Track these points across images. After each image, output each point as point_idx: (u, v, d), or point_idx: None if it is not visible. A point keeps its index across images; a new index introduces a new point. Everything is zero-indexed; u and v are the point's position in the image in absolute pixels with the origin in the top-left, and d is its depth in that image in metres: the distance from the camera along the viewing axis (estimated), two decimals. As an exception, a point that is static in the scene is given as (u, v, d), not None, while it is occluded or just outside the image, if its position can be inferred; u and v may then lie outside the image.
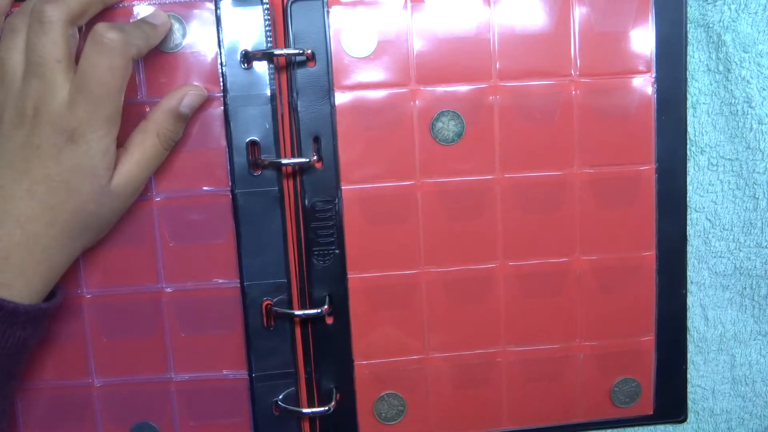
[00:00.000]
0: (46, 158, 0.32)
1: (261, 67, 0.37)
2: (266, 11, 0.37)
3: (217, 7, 0.37)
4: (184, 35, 0.37)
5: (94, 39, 0.32)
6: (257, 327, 0.39)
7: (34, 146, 0.32)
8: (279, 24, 0.37)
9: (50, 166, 0.32)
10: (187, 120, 0.37)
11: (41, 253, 0.33)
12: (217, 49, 0.37)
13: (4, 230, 0.32)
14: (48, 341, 0.39)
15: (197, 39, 0.37)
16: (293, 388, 0.40)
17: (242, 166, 0.38)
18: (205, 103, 0.37)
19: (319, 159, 0.38)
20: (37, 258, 0.33)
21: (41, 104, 0.32)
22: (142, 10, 0.37)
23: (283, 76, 0.38)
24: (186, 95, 0.36)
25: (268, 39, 0.37)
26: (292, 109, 0.38)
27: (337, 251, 0.39)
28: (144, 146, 0.35)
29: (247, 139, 0.38)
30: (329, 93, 0.38)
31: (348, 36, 0.38)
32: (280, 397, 0.40)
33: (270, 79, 0.37)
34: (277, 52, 0.37)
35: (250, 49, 0.37)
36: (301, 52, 0.37)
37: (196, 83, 0.37)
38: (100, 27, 0.32)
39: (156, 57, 0.37)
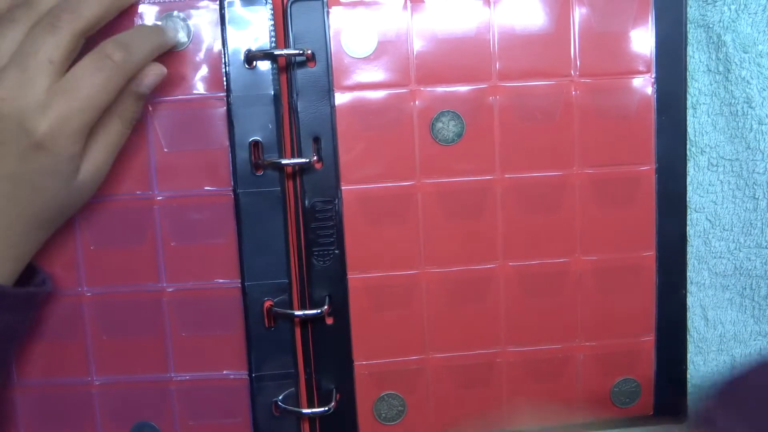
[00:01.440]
0: (10, 156, 0.31)
1: (264, 67, 0.37)
2: (271, 11, 0.37)
3: (221, 7, 0.37)
4: (189, 35, 0.37)
5: (100, 54, 0.31)
6: (258, 327, 0.39)
7: (1, 141, 0.31)
8: (279, 24, 0.37)
9: (14, 165, 0.31)
10: (145, 98, 0.35)
11: (9, 242, 0.33)
12: (220, 48, 0.37)
13: None
14: (48, 339, 0.39)
15: (201, 38, 0.37)
16: (293, 389, 0.40)
17: (245, 166, 0.38)
18: (208, 102, 0.37)
19: (319, 159, 0.38)
20: (5, 246, 0.33)
21: (14, 99, 0.30)
22: (146, 11, 0.37)
23: (283, 77, 0.38)
24: (146, 76, 0.34)
25: (273, 39, 0.37)
26: (292, 109, 0.38)
27: (337, 251, 0.39)
28: (108, 132, 0.34)
29: (250, 140, 0.38)
30: (329, 93, 0.38)
31: (348, 36, 0.38)
32: (280, 397, 0.40)
33: (274, 80, 0.37)
34: (277, 52, 0.37)
35: (254, 49, 0.37)
36: (301, 52, 0.37)
37: (155, 63, 0.35)
38: (110, 45, 0.31)
39: (160, 55, 0.37)
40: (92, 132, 0.33)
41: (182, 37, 0.37)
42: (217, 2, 0.37)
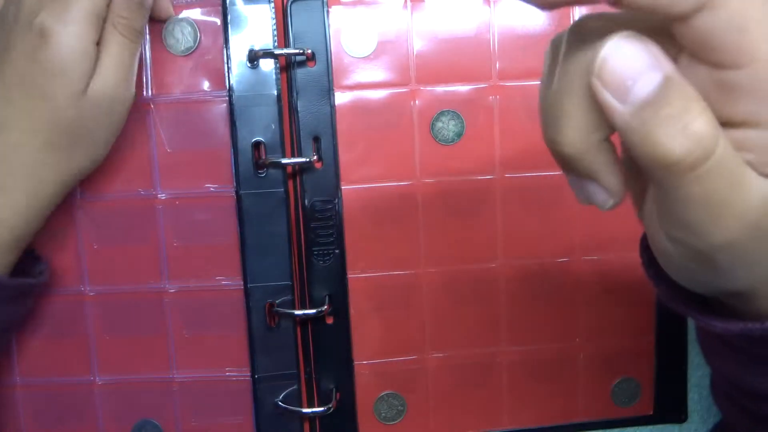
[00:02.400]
0: (18, 59, 0.32)
1: (267, 67, 0.37)
2: (273, 10, 0.37)
3: (224, 6, 0.37)
4: (196, 39, 0.37)
5: None
6: (260, 327, 0.39)
7: (10, 48, 0.32)
8: (279, 24, 0.37)
9: (23, 66, 0.32)
10: (148, 9, 0.34)
11: (24, 167, 0.32)
12: (223, 47, 0.37)
13: None
14: (50, 338, 0.39)
15: (203, 37, 0.37)
16: (295, 388, 0.40)
17: (247, 166, 0.38)
18: (211, 101, 0.37)
19: (319, 159, 0.38)
20: (20, 171, 0.32)
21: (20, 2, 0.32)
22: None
23: (283, 76, 0.38)
24: None
25: (275, 38, 0.37)
26: (292, 108, 0.38)
27: (337, 251, 0.39)
28: (111, 45, 0.33)
29: (253, 140, 0.38)
30: (329, 93, 0.38)
31: (348, 36, 0.38)
32: (280, 397, 0.40)
33: (276, 80, 0.37)
34: (277, 51, 0.37)
35: (256, 47, 0.37)
36: (301, 52, 0.37)
37: None
38: None
39: (165, 58, 0.37)
40: (99, 50, 0.33)
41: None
42: (220, 1, 0.37)
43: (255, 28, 0.37)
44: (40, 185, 0.33)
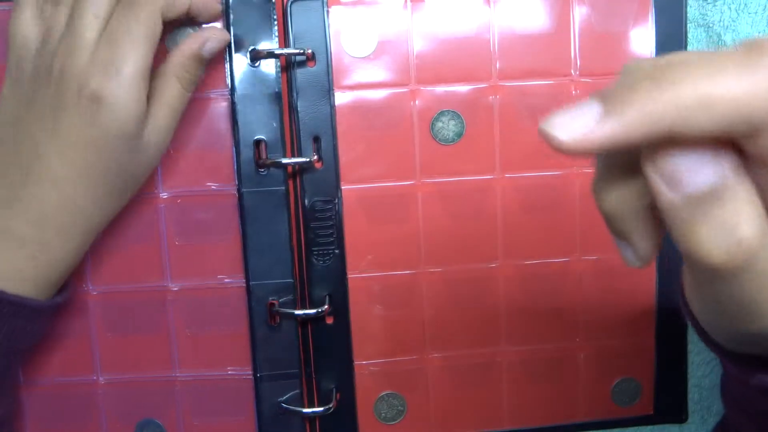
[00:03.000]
0: (74, 119, 0.32)
1: (268, 66, 0.37)
2: (274, 8, 0.37)
3: (226, 5, 0.37)
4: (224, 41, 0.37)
5: None
6: (262, 326, 0.39)
7: (62, 107, 0.32)
8: (279, 24, 0.37)
9: (79, 126, 0.32)
10: (207, 62, 0.36)
11: (79, 213, 0.33)
12: (224, 47, 0.37)
13: (41, 191, 0.32)
14: (53, 338, 0.39)
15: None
16: (297, 388, 0.40)
17: (249, 164, 0.38)
18: (212, 100, 0.37)
19: (319, 159, 0.38)
20: (76, 217, 0.33)
21: (67, 61, 0.31)
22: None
23: (283, 76, 0.38)
24: (208, 40, 0.34)
25: (276, 36, 0.37)
26: (292, 108, 0.38)
27: (337, 251, 0.39)
28: (168, 95, 0.34)
29: (254, 138, 0.38)
30: (329, 93, 0.38)
31: (348, 36, 0.38)
32: (282, 397, 0.40)
33: (277, 78, 0.37)
34: (277, 51, 0.37)
35: (258, 46, 0.37)
36: (301, 51, 0.37)
37: (220, 29, 0.36)
38: None
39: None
40: (153, 95, 0.34)
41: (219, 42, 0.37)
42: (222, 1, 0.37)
43: (256, 27, 0.37)
44: (94, 225, 0.35)
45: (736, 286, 0.18)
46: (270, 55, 0.37)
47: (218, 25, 0.37)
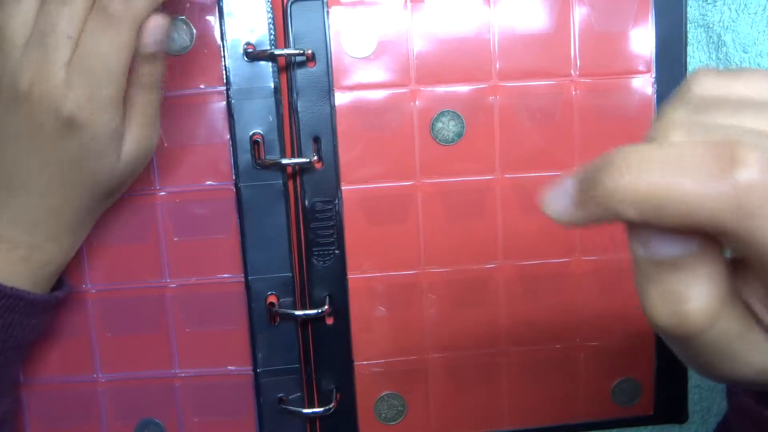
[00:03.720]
0: (52, 140, 0.31)
1: (263, 61, 0.37)
2: (269, 2, 0.37)
3: (220, 0, 0.37)
4: (192, 38, 0.37)
5: (99, 11, 0.30)
6: (262, 322, 0.39)
7: (38, 125, 0.31)
8: (279, 24, 0.37)
9: (58, 148, 0.31)
10: (161, 55, 0.33)
11: (67, 219, 0.34)
12: (219, 42, 0.37)
13: (27, 200, 0.32)
14: (53, 337, 0.39)
15: (199, 32, 0.37)
16: (297, 389, 0.40)
17: (246, 160, 0.38)
18: (208, 96, 0.37)
19: (319, 159, 0.38)
20: (63, 224, 0.34)
21: (37, 80, 0.30)
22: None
23: (283, 76, 0.38)
24: (146, 30, 0.31)
25: (271, 31, 0.37)
26: (293, 108, 0.38)
27: (337, 251, 0.39)
28: (137, 104, 0.33)
29: (251, 133, 0.38)
30: (329, 93, 0.38)
31: (348, 36, 0.38)
32: (282, 397, 0.40)
33: (273, 72, 0.37)
34: (277, 52, 0.37)
35: (253, 41, 0.37)
36: (301, 52, 0.37)
37: (155, 15, 0.31)
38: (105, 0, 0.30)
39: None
40: (125, 109, 0.32)
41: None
42: None
43: (251, 23, 0.37)
44: (83, 228, 0.36)
45: (689, 349, 0.19)
46: (267, 57, 0.37)
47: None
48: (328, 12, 0.38)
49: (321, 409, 0.40)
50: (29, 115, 0.31)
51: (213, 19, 0.37)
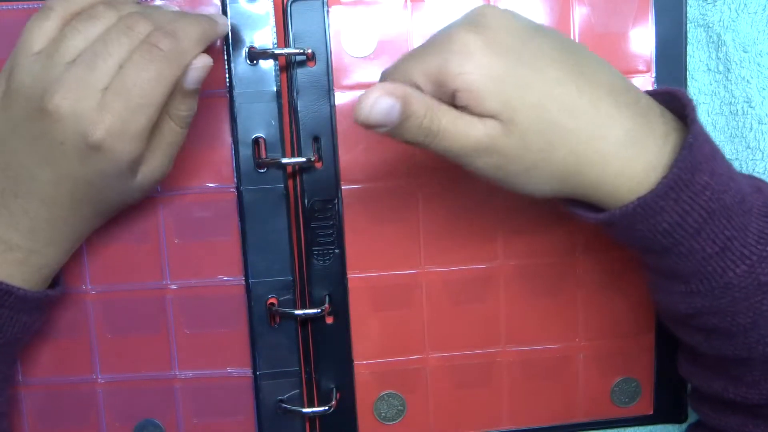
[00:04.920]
0: (71, 158, 0.31)
1: (267, 64, 0.37)
2: (273, 7, 0.37)
3: (224, 3, 0.37)
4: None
5: (147, 45, 0.30)
6: (262, 325, 0.39)
7: (58, 142, 0.31)
8: (279, 24, 0.37)
9: (76, 167, 0.31)
10: (197, 93, 0.34)
11: (68, 229, 0.34)
12: (222, 45, 0.37)
13: (30, 206, 0.32)
14: (52, 337, 0.39)
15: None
16: (297, 388, 0.40)
17: (248, 162, 0.38)
18: (211, 99, 0.37)
19: (319, 159, 0.38)
20: (63, 231, 0.34)
21: (70, 99, 0.30)
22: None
23: (283, 76, 0.38)
24: (191, 70, 0.32)
25: (275, 35, 0.37)
26: (292, 108, 0.38)
27: (336, 251, 0.39)
28: (163, 133, 0.33)
29: (253, 136, 0.38)
30: (329, 93, 0.38)
31: (348, 36, 0.38)
32: (282, 396, 0.40)
33: (276, 76, 0.37)
34: (277, 51, 0.37)
35: (256, 45, 0.37)
36: (301, 51, 0.37)
37: (201, 54, 0.32)
38: (156, 35, 0.30)
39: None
40: (151, 136, 0.32)
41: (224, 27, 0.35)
42: (219, 1, 0.37)
43: (255, 25, 0.37)
44: (83, 235, 0.36)
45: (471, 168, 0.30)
46: (269, 55, 0.37)
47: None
48: (328, 12, 0.38)
49: (321, 409, 0.40)
50: (51, 129, 0.30)
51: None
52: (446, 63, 0.28)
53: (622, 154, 0.29)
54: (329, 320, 0.40)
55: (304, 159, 0.38)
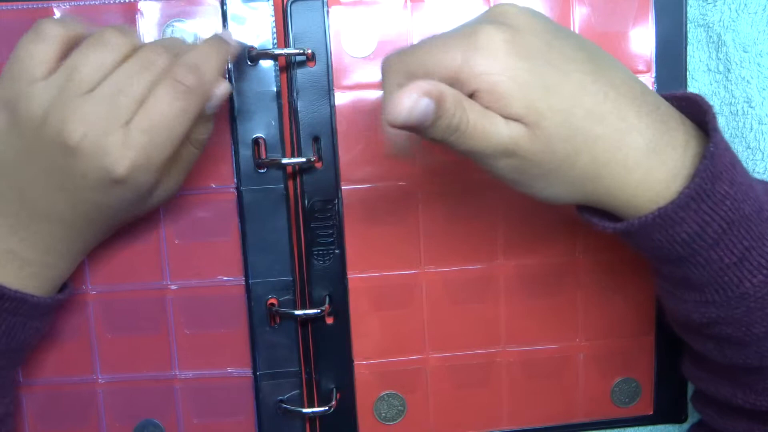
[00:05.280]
0: (92, 190, 0.31)
1: (266, 64, 0.37)
2: (272, 7, 0.37)
3: (222, 4, 0.37)
4: (195, 41, 0.37)
5: (172, 81, 0.30)
6: (262, 325, 0.39)
7: (80, 175, 0.30)
8: (279, 24, 0.37)
9: (96, 198, 0.31)
10: (213, 115, 0.34)
11: (81, 243, 0.35)
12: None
13: (48, 226, 0.32)
14: (53, 338, 0.39)
15: (203, 36, 0.37)
16: (297, 388, 0.40)
17: (248, 163, 0.38)
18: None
19: (319, 159, 0.38)
20: (79, 246, 0.35)
21: (92, 135, 0.29)
22: (147, 8, 0.37)
23: (283, 76, 0.38)
24: (213, 97, 0.32)
25: (275, 35, 0.37)
26: (292, 108, 0.38)
27: (337, 251, 0.39)
28: (184, 158, 0.34)
29: (253, 137, 0.38)
30: (329, 93, 0.38)
31: (348, 36, 0.38)
32: (282, 397, 0.40)
33: (276, 77, 0.37)
34: (277, 51, 0.37)
35: (256, 45, 0.37)
36: (301, 52, 0.37)
37: (222, 82, 0.32)
38: (181, 71, 0.30)
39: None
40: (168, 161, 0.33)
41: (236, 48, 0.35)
42: (218, 1, 0.37)
43: (254, 26, 0.37)
44: (94, 246, 0.36)
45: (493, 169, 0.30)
46: (269, 56, 0.37)
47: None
48: (328, 12, 0.38)
49: (321, 409, 0.40)
50: (73, 164, 0.30)
51: (216, 23, 0.37)
52: (469, 61, 0.27)
53: (643, 163, 0.28)
54: (329, 320, 0.40)
55: (304, 159, 0.38)
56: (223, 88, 0.32)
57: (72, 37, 0.31)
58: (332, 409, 0.40)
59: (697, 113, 0.30)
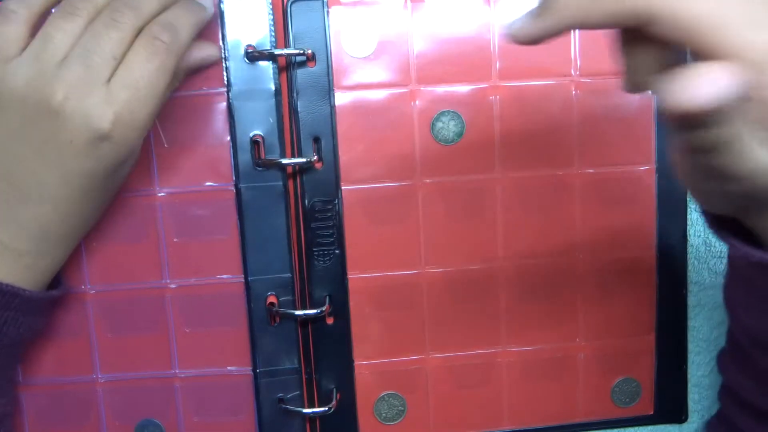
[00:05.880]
0: (82, 156, 0.31)
1: (264, 62, 0.37)
2: (270, 4, 0.37)
3: (220, 0, 0.37)
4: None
5: (149, 38, 0.31)
6: (261, 323, 0.39)
7: (67, 141, 0.31)
8: (279, 24, 0.37)
9: (84, 163, 0.31)
10: (183, 75, 0.35)
11: (77, 223, 0.34)
12: (220, 43, 0.37)
13: (41, 210, 0.32)
14: (52, 337, 0.39)
15: (200, 33, 0.37)
16: (297, 388, 0.40)
17: (246, 161, 0.38)
18: (209, 97, 0.38)
19: (319, 159, 0.38)
20: (73, 230, 0.34)
21: (73, 96, 0.30)
22: None
23: (283, 76, 0.38)
24: (192, 57, 0.34)
25: (272, 33, 0.37)
26: (293, 108, 0.38)
27: (337, 251, 0.39)
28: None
29: (251, 134, 0.38)
30: (329, 93, 0.38)
31: (348, 36, 0.38)
32: (282, 397, 0.40)
33: (274, 74, 0.37)
34: (277, 52, 0.37)
35: (253, 43, 0.37)
36: (301, 52, 0.37)
37: (208, 44, 0.35)
38: (156, 27, 0.31)
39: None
40: None
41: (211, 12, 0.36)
42: None
43: (252, 23, 0.37)
44: (86, 231, 0.36)
45: (712, 159, 0.24)
46: (267, 56, 0.37)
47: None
48: (328, 12, 0.38)
49: (321, 409, 0.40)
50: (58, 129, 0.31)
51: (213, 20, 0.37)
52: None
53: None
54: (329, 321, 0.40)
55: (304, 159, 0.38)
56: (208, 50, 0.35)
57: (37, 12, 0.32)
58: (332, 409, 0.40)
59: None
